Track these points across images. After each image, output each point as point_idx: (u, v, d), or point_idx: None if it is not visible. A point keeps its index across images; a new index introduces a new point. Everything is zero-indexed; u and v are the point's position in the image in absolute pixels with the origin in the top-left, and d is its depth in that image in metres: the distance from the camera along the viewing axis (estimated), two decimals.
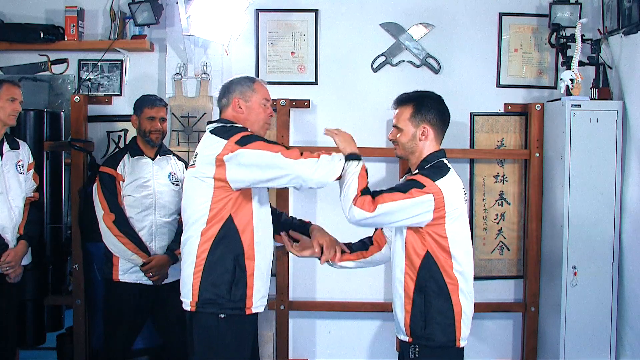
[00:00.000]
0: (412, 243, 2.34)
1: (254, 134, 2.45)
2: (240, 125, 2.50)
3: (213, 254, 2.42)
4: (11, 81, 3.16)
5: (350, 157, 2.36)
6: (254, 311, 2.48)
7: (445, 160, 2.41)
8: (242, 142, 2.35)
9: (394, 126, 2.44)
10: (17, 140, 3.22)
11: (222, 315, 2.43)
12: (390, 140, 2.48)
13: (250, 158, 2.33)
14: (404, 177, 2.53)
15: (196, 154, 2.49)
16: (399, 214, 2.26)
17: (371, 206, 2.25)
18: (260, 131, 2.55)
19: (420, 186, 2.26)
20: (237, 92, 2.55)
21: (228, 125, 2.49)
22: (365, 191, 2.29)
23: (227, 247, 2.42)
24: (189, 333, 2.51)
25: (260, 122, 2.56)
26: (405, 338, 2.38)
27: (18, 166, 3.14)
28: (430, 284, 2.32)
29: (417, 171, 2.39)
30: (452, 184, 2.33)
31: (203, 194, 2.41)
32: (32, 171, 3.26)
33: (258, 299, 2.49)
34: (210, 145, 2.42)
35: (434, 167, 2.37)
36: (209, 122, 2.60)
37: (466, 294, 2.37)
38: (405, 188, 2.28)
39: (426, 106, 2.40)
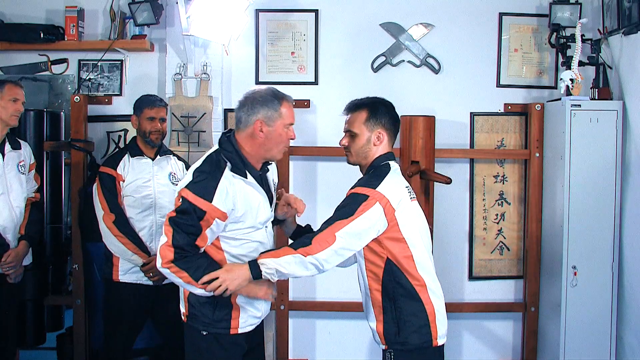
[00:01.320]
0: (371, 254, 2.31)
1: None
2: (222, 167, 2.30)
3: None
4: (13, 82, 3.16)
5: (256, 273, 2.23)
6: (240, 332, 2.41)
7: (392, 163, 2.39)
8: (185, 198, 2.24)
9: (347, 131, 2.41)
10: (19, 140, 3.22)
11: (204, 333, 2.39)
12: (342, 146, 2.44)
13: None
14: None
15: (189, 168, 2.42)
16: (361, 235, 2.23)
17: (330, 239, 2.19)
18: (277, 155, 2.40)
19: (364, 198, 2.24)
20: (261, 114, 2.32)
21: (217, 162, 2.31)
22: (300, 242, 2.22)
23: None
24: (185, 342, 2.52)
25: (279, 147, 2.38)
26: (382, 346, 2.37)
27: (19, 166, 3.14)
28: (397, 289, 2.30)
29: (357, 181, 2.37)
30: (393, 184, 2.30)
31: None
32: (33, 171, 3.27)
33: (246, 319, 2.41)
34: (186, 176, 2.33)
35: (374, 171, 2.35)
36: (222, 136, 2.41)
37: (435, 291, 2.34)
38: (351, 208, 2.22)
39: (380, 111, 2.39)
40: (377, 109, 2.39)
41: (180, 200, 2.25)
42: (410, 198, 2.35)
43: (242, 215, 2.31)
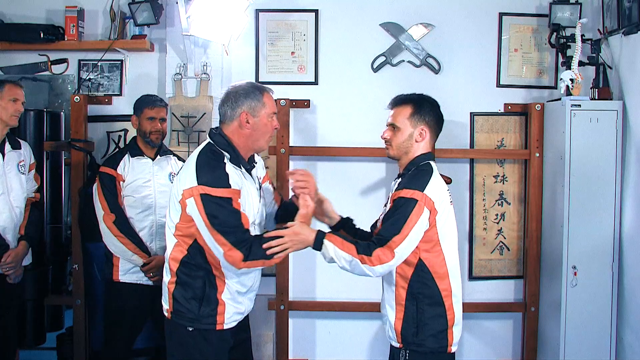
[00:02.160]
0: None
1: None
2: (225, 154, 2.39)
3: (184, 268, 2.40)
4: (13, 82, 3.16)
5: (317, 248, 2.32)
6: (225, 327, 2.44)
7: (432, 163, 2.40)
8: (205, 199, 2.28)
9: (390, 125, 2.42)
10: (19, 140, 3.22)
11: (190, 329, 2.41)
12: (384, 139, 2.45)
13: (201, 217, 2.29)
14: (393, 185, 2.45)
15: (180, 168, 2.46)
16: (413, 243, 2.26)
17: (388, 255, 2.23)
18: (264, 145, 2.47)
19: (414, 203, 2.24)
20: (245, 106, 2.38)
21: (215, 152, 2.38)
22: (364, 249, 2.25)
23: (197, 264, 2.39)
24: (166, 339, 2.52)
25: (265, 137, 2.45)
26: (396, 344, 2.37)
27: (20, 166, 3.14)
28: (423, 291, 2.31)
29: (399, 180, 2.38)
30: (438, 187, 2.32)
31: (174, 208, 2.39)
32: (33, 171, 3.27)
33: (231, 315, 2.44)
34: (184, 173, 2.36)
35: (418, 171, 2.35)
36: (211, 131, 2.48)
37: (459, 298, 2.36)
38: (404, 216, 2.23)
39: (425, 108, 2.40)
40: (422, 106, 2.41)
41: (201, 199, 2.26)
42: (450, 201, 2.36)
43: (244, 202, 2.35)
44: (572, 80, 3.40)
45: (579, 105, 3.34)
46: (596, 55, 3.45)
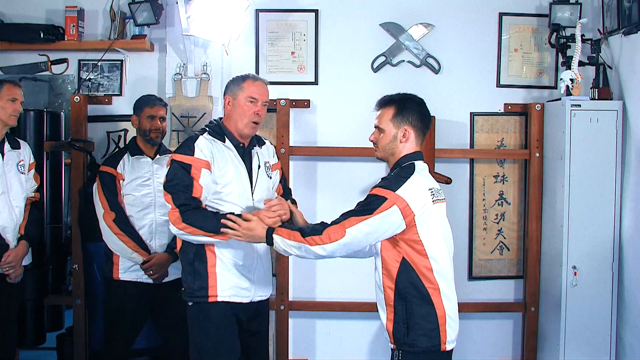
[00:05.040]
0: (387, 252, 2.32)
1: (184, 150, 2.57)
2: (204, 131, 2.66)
3: (182, 245, 2.64)
4: (12, 81, 3.16)
5: (269, 243, 2.41)
6: (219, 300, 2.58)
7: (418, 163, 2.37)
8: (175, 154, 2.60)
9: (376, 127, 2.42)
10: (18, 140, 3.22)
11: (190, 303, 2.62)
12: (371, 141, 2.46)
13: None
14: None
15: None
16: (371, 234, 2.26)
17: (340, 233, 2.25)
18: (244, 129, 2.63)
19: (383, 200, 2.24)
20: (229, 91, 2.68)
21: (199, 131, 2.68)
22: (312, 230, 2.30)
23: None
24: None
25: (244, 120, 2.62)
26: (391, 345, 2.36)
27: (19, 166, 3.13)
28: (410, 291, 2.29)
29: (379, 181, 2.38)
30: (415, 187, 2.28)
31: None
32: (33, 171, 3.26)
33: (226, 289, 2.58)
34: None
35: (399, 172, 2.34)
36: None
37: (448, 296, 2.33)
38: (369, 208, 2.25)
39: (408, 108, 2.39)
40: (405, 106, 2.39)
41: (170, 163, 2.55)
42: (434, 201, 2.32)
43: (222, 175, 2.55)
44: (572, 80, 3.40)
45: (579, 105, 3.34)
46: (596, 55, 3.45)
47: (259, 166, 2.71)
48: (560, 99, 3.48)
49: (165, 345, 3.37)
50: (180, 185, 2.50)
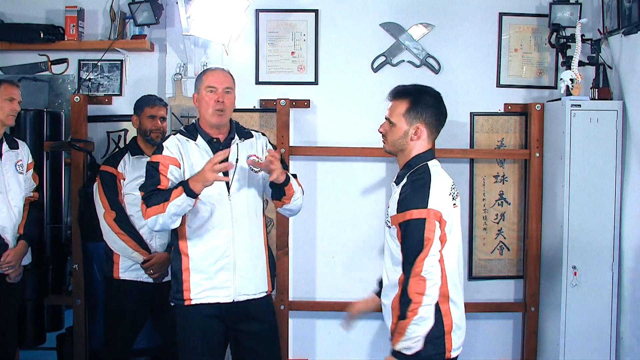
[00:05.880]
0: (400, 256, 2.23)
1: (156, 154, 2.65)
2: (177, 132, 2.73)
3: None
4: (9, 81, 3.16)
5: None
6: (193, 302, 2.62)
7: (431, 164, 2.27)
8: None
9: (386, 119, 2.29)
10: (16, 140, 3.22)
11: (172, 304, 2.70)
12: (380, 133, 2.33)
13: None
14: (393, 188, 2.35)
15: None
16: (436, 258, 2.15)
17: (421, 284, 2.11)
18: (211, 119, 2.65)
19: (423, 223, 2.13)
20: (194, 88, 2.73)
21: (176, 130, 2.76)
22: (402, 307, 2.16)
23: (174, 239, 2.69)
24: None
25: (208, 110, 2.64)
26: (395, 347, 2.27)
27: (17, 166, 3.13)
28: None
29: (399, 188, 2.26)
30: (440, 194, 2.20)
31: None
32: (31, 171, 3.26)
33: (199, 291, 2.61)
34: None
35: (415, 180, 2.22)
36: None
37: (457, 303, 2.26)
38: (417, 241, 2.13)
39: (423, 103, 2.24)
40: (419, 101, 2.24)
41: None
42: (453, 205, 2.25)
43: (193, 173, 2.56)
44: (572, 80, 3.40)
45: (579, 105, 3.34)
46: (596, 55, 3.45)
47: (237, 159, 2.67)
48: (560, 99, 3.48)
49: (165, 345, 3.37)
50: (147, 184, 2.60)
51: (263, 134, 2.86)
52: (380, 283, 2.53)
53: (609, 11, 3.45)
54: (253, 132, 2.81)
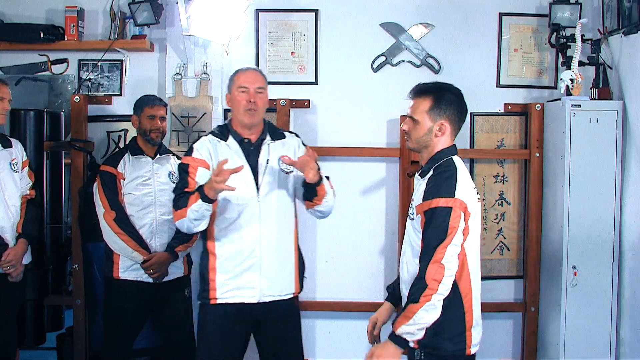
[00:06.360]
0: None
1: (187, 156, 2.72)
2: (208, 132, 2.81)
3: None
4: None
5: (403, 344, 2.23)
6: (219, 302, 2.66)
7: (455, 158, 2.30)
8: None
9: (409, 117, 2.31)
10: (10, 138, 3.19)
11: (199, 302, 2.74)
12: (403, 130, 2.37)
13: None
14: (417, 182, 2.37)
15: None
16: (459, 245, 2.18)
17: (439, 271, 2.13)
18: (243, 118, 2.68)
19: (448, 211, 2.15)
20: (227, 88, 2.79)
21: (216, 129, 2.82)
22: (417, 291, 2.15)
23: (203, 240, 2.72)
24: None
25: (240, 110, 2.68)
26: (412, 344, 2.25)
27: (12, 165, 3.12)
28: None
29: (424, 181, 2.29)
30: (466, 186, 2.23)
31: None
32: (26, 169, 3.23)
33: (223, 292, 2.65)
34: None
35: (442, 172, 2.24)
36: None
37: (477, 299, 2.27)
38: (441, 228, 2.15)
39: (446, 100, 2.28)
40: (442, 98, 2.28)
41: None
42: (477, 199, 2.28)
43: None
44: (572, 80, 3.40)
45: (579, 105, 3.34)
46: (596, 55, 3.45)
47: (268, 160, 2.69)
48: (560, 99, 3.48)
49: (165, 345, 3.37)
50: (178, 186, 2.68)
51: (296, 135, 2.88)
52: (391, 288, 2.55)
53: (609, 11, 3.45)
54: (286, 133, 2.84)
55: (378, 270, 3.84)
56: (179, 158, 3.39)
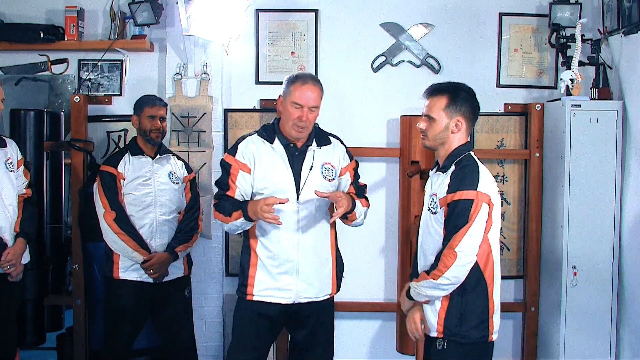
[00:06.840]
0: None
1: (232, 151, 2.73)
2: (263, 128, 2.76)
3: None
4: None
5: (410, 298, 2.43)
6: (254, 299, 2.69)
7: (472, 154, 2.39)
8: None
9: (425, 115, 2.39)
10: (4, 138, 3.18)
11: (237, 296, 2.77)
12: (420, 129, 2.43)
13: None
14: (434, 177, 2.44)
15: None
16: (476, 241, 2.26)
17: (451, 256, 2.24)
18: (290, 131, 2.65)
19: (471, 203, 2.24)
20: (282, 91, 2.71)
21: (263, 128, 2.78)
22: (431, 266, 2.30)
23: (245, 236, 2.74)
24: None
25: (289, 122, 2.64)
26: (434, 333, 2.35)
27: (7, 164, 3.10)
28: (470, 281, 2.30)
29: (444, 177, 2.35)
30: (488, 179, 2.33)
31: None
32: (22, 168, 3.21)
33: (260, 290, 2.68)
34: None
35: (464, 166, 2.33)
36: None
37: (498, 286, 2.39)
38: (463, 217, 2.24)
39: (461, 98, 2.37)
40: (457, 96, 2.37)
41: None
42: (497, 191, 2.37)
43: (263, 177, 2.64)
44: (572, 80, 3.40)
45: (579, 105, 3.34)
46: (596, 55, 3.45)
47: (312, 167, 2.67)
48: (560, 99, 3.48)
49: (165, 345, 3.37)
50: (219, 181, 2.72)
51: (341, 142, 2.86)
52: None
53: (609, 11, 3.45)
54: (332, 139, 2.81)
55: (378, 270, 3.84)
56: (179, 158, 3.40)
